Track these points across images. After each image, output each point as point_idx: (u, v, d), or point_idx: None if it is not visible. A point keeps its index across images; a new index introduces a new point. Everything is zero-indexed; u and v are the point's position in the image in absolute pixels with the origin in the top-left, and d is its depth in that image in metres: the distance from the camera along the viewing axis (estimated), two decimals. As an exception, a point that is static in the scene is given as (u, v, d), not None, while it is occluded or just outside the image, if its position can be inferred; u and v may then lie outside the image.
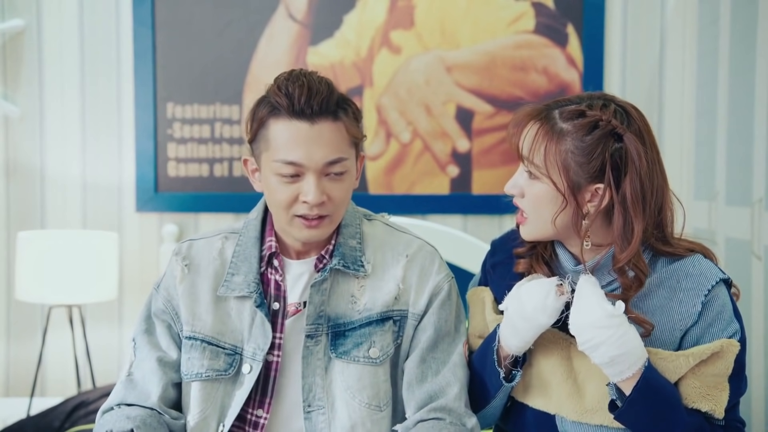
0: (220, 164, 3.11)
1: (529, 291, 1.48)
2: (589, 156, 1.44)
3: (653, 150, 1.49)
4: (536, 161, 1.48)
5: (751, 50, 2.42)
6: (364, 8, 3.08)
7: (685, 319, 1.48)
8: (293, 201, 1.54)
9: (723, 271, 1.52)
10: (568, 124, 1.46)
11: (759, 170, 2.35)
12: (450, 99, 3.09)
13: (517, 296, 1.50)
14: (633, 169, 1.44)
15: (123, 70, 3.11)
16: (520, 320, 1.48)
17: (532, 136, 1.49)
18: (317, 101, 1.50)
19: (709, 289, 1.48)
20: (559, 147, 1.46)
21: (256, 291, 1.59)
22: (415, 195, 3.11)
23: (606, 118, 1.45)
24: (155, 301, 1.67)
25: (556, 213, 1.48)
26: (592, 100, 1.49)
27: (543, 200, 1.49)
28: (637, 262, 1.46)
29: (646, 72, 3.07)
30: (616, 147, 1.45)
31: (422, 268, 1.63)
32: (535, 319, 1.47)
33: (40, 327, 3.10)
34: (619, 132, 1.45)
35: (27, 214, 3.11)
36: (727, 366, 1.47)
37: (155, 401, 1.59)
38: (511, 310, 1.50)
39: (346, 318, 1.60)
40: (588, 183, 1.46)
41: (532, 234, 1.54)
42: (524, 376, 1.57)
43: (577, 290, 1.44)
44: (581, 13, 3.06)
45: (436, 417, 1.56)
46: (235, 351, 1.60)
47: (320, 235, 1.57)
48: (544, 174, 1.47)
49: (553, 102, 1.52)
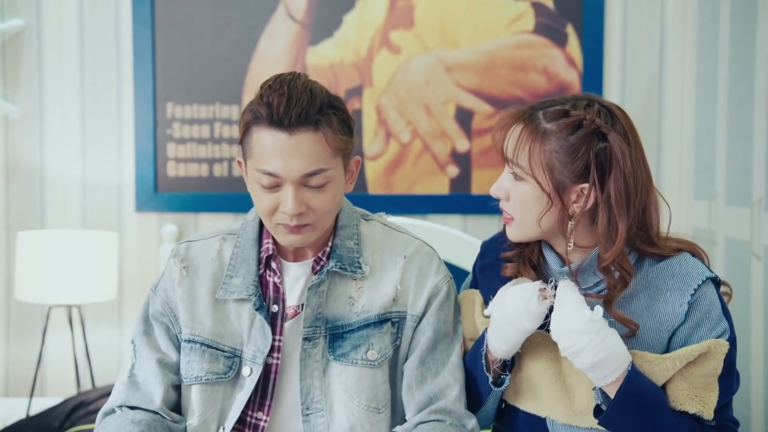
0: (219, 164, 3.11)
1: (513, 295, 1.49)
2: (573, 155, 1.44)
3: (638, 149, 1.48)
4: (521, 162, 1.48)
5: (750, 50, 2.42)
6: (364, 8, 3.08)
7: (672, 319, 1.47)
8: (274, 210, 1.53)
9: (710, 270, 1.51)
10: (552, 124, 1.46)
11: (759, 170, 2.35)
12: (450, 99, 3.08)
13: (501, 301, 1.50)
14: (617, 168, 1.44)
15: (122, 70, 3.11)
16: (505, 325, 1.49)
17: (516, 137, 1.48)
18: (296, 111, 1.47)
19: (696, 288, 1.47)
20: (543, 147, 1.46)
21: (255, 294, 1.58)
22: (414, 195, 3.10)
23: (590, 117, 1.45)
24: (153, 302, 1.66)
25: (541, 213, 1.47)
26: (576, 101, 1.49)
27: (528, 201, 1.49)
28: (622, 261, 1.46)
29: (645, 72, 3.07)
30: (601, 146, 1.45)
31: (420, 269, 1.62)
32: (519, 323, 1.47)
33: (39, 327, 3.10)
34: (603, 131, 1.45)
35: (26, 214, 3.11)
36: (716, 366, 1.46)
37: (159, 404, 1.58)
38: (495, 315, 1.51)
39: (344, 320, 1.59)
40: (573, 183, 1.46)
41: (518, 235, 1.54)
42: (514, 379, 1.57)
43: (557, 296, 1.45)
44: (581, 13, 3.06)
45: (436, 419, 1.56)
46: (234, 354, 1.60)
47: (303, 241, 1.56)
48: (529, 174, 1.47)
49: (538, 103, 1.53)
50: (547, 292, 1.47)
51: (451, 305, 1.64)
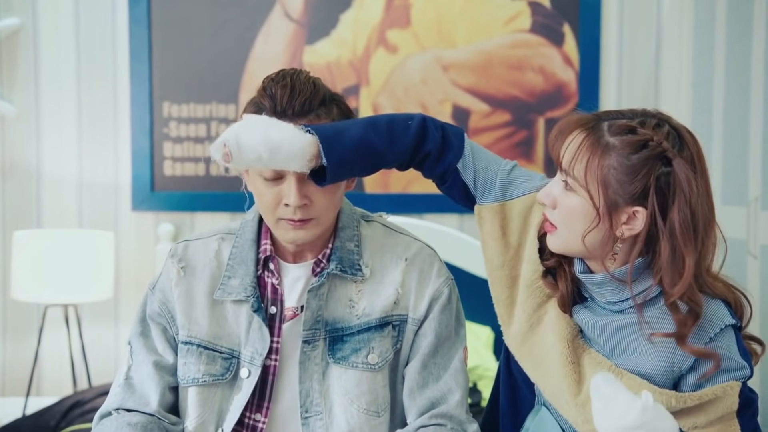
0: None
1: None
2: (632, 176, 1.36)
3: (704, 179, 1.40)
4: (576, 172, 1.40)
5: (746, 49, 2.43)
6: (361, 7, 3.08)
7: (681, 362, 1.42)
8: (277, 204, 1.52)
9: (734, 315, 1.44)
10: (615, 138, 1.38)
11: (755, 170, 2.35)
12: (446, 98, 3.09)
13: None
14: (682, 196, 1.36)
15: (119, 69, 3.10)
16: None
17: (576, 146, 1.41)
18: (299, 102, 1.49)
19: (711, 337, 1.41)
20: (602, 161, 1.38)
21: (252, 295, 1.57)
22: (411, 194, 3.10)
23: (657, 139, 1.37)
24: (150, 303, 1.64)
25: (587, 230, 1.40)
26: (645, 118, 1.42)
27: (575, 214, 1.42)
28: (692, 295, 1.38)
29: (642, 71, 3.08)
30: (664, 171, 1.36)
31: (422, 272, 1.61)
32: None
33: (36, 326, 3.09)
34: (668, 156, 1.36)
35: (23, 213, 3.11)
36: (730, 404, 1.41)
37: (155, 407, 1.57)
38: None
39: (344, 323, 1.58)
40: (626, 204, 1.38)
41: (559, 247, 1.47)
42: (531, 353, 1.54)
43: (595, 391, 1.33)
44: (577, 13, 3.06)
45: (437, 423, 1.55)
46: (232, 355, 1.59)
47: (307, 237, 1.54)
48: (582, 187, 1.40)
49: (604, 113, 1.45)
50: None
51: (453, 308, 1.62)
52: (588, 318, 1.48)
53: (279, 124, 1.45)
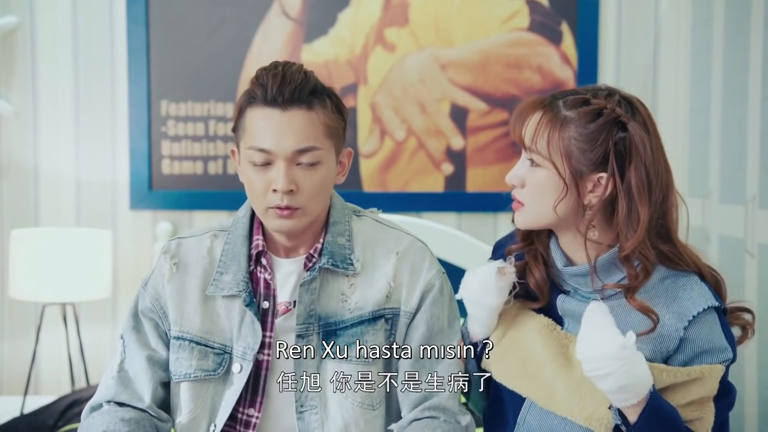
0: (214, 162, 3.11)
1: (475, 277, 1.56)
2: (592, 143, 1.45)
3: (657, 141, 1.49)
4: (539, 148, 1.47)
5: (744, 48, 2.43)
6: (359, 6, 3.07)
7: (667, 343, 1.46)
8: (266, 190, 1.54)
9: (717, 298, 1.48)
10: (572, 111, 1.46)
11: (752, 168, 2.35)
12: (444, 97, 3.09)
13: (466, 285, 1.57)
14: (638, 157, 1.44)
15: (117, 68, 3.10)
16: (473, 306, 1.57)
17: (536, 124, 1.49)
18: (290, 89, 1.51)
19: (694, 315, 1.45)
20: (562, 134, 1.46)
21: (245, 290, 1.58)
22: (409, 193, 3.10)
23: (610, 106, 1.46)
24: (143, 298, 1.66)
25: (556, 200, 1.47)
26: (596, 90, 1.50)
27: (544, 187, 1.48)
28: (644, 250, 1.44)
29: (640, 70, 3.08)
30: (620, 136, 1.45)
31: (413, 265, 1.62)
32: (483, 301, 1.55)
33: (33, 325, 3.09)
34: (623, 120, 1.45)
35: (20, 211, 3.11)
36: (711, 389, 1.45)
37: (148, 403, 1.58)
38: (465, 299, 1.58)
39: (337, 317, 1.59)
40: (590, 171, 1.46)
41: (527, 221, 1.53)
42: (507, 358, 1.58)
43: (587, 317, 1.41)
44: (575, 11, 3.06)
45: (430, 416, 1.56)
46: (224, 350, 1.60)
47: (293, 226, 1.56)
48: (546, 159, 1.47)
49: (558, 93, 1.53)
50: (506, 269, 1.53)
51: (445, 301, 1.63)
52: (575, 306, 1.53)
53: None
